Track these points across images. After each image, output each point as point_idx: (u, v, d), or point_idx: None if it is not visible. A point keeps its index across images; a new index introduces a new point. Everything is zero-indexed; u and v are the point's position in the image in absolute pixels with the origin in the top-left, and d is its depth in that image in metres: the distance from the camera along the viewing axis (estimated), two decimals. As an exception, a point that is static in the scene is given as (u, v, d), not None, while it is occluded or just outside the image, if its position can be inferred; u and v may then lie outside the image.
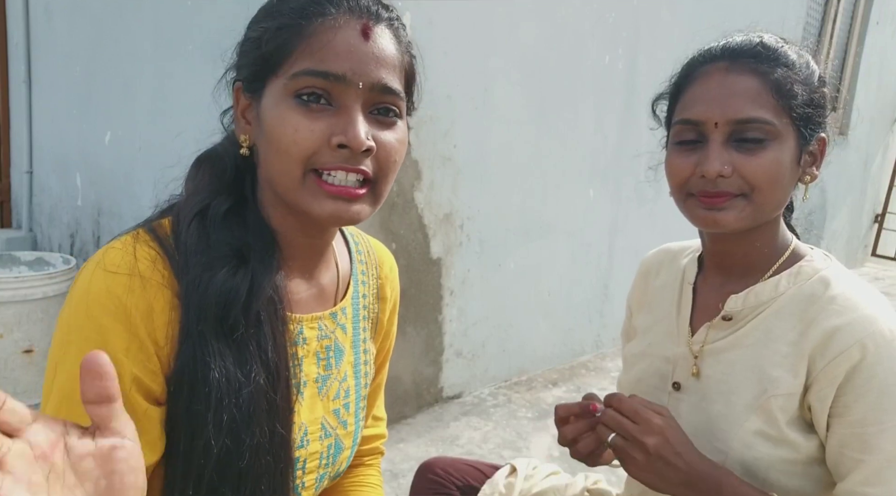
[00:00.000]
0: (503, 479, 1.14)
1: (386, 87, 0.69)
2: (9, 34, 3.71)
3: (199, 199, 0.73)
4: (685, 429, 0.95)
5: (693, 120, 0.86)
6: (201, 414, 0.66)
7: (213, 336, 0.67)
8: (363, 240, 0.95)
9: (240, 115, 0.74)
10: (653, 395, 1.00)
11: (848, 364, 0.80)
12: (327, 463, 0.83)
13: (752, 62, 0.84)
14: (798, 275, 0.89)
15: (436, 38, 2.29)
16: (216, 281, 0.67)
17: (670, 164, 0.90)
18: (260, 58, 0.70)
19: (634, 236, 3.40)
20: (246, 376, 0.68)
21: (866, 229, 6.37)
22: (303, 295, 0.80)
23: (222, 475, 0.68)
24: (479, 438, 2.47)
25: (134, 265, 0.66)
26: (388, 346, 0.99)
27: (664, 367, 0.99)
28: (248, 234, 0.72)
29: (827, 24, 4.88)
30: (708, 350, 0.93)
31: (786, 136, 0.84)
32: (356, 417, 0.87)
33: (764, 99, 0.83)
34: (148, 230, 0.70)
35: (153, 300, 0.66)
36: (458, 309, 2.66)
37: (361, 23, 0.69)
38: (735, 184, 0.84)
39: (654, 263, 1.11)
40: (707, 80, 0.86)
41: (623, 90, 3.14)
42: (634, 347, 1.08)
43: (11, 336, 2.42)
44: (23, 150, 3.64)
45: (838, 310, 0.83)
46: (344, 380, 0.85)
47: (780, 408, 0.85)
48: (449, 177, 2.47)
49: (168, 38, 2.64)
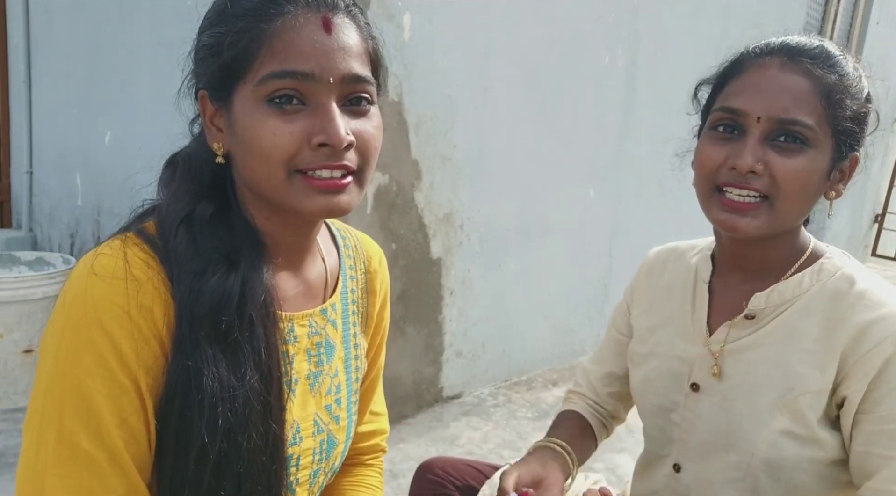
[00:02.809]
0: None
1: (356, 76, 0.68)
2: (9, 34, 3.71)
3: (181, 204, 0.71)
4: (705, 429, 0.93)
5: (736, 109, 0.84)
6: (194, 420, 0.66)
7: (207, 342, 0.66)
8: (350, 234, 0.94)
9: (209, 123, 0.73)
10: (665, 396, 0.99)
11: (881, 357, 0.79)
12: (321, 458, 0.83)
13: (809, 63, 0.82)
14: (821, 272, 0.88)
15: (436, 38, 2.29)
16: (208, 287, 0.67)
17: (702, 151, 0.88)
18: (222, 65, 0.68)
19: (634, 236, 3.39)
20: (240, 380, 0.68)
21: (866, 229, 6.37)
22: (291, 292, 0.79)
23: (220, 478, 0.67)
24: (479, 438, 2.47)
25: (127, 269, 0.65)
26: (380, 339, 0.98)
27: (679, 368, 0.98)
28: (235, 238, 0.72)
29: (827, 24, 4.88)
30: (729, 349, 0.92)
31: (824, 145, 0.82)
32: (348, 412, 0.87)
33: (812, 103, 0.81)
34: (136, 233, 0.70)
35: (151, 302, 0.66)
36: (458, 309, 2.66)
37: (321, 16, 0.67)
38: (764, 183, 0.82)
39: (659, 261, 1.10)
40: (759, 72, 0.84)
41: (623, 90, 3.14)
42: (639, 347, 1.07)
43: (11, 336, 2.42)
44: (23, 150, 3.64)
45: (869, 306, 0.82)
46: (335, 376, 0.85)
47: (809, 406, 0.84)
48: (449, 177, 2.47)
49: (168, 38, 2.64)
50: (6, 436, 2.24)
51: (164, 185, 0.76)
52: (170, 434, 0.67)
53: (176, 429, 0.66)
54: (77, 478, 0.63)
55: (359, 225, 1.97)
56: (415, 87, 2.26)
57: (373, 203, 2.22)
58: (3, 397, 2.44)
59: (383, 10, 2.11)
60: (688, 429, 0.96)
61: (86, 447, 0.63)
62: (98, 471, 0.63)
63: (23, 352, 2.46)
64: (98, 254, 0.66)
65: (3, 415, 2.39)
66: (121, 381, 0.64)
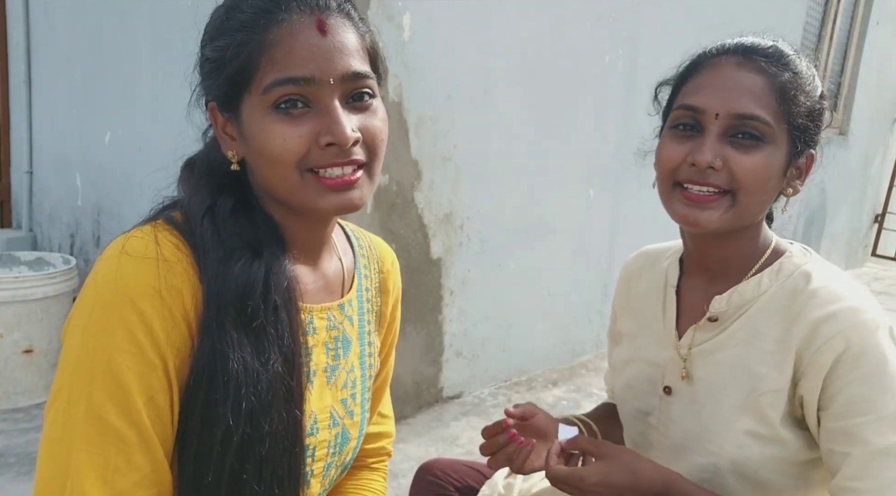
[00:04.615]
0: (502, 480, 1.14)
1: (356, 73, 0.70)
2: (9, 34, 3.71)
3: (202, 197, 0.74)
4: (677, 432, 0.94)
5: (694, 106, 0.86)
6: (219, 403, 0.67)
7: (233, 326, 0.68)
8: (364, 236, 0.97)
9: (221, 132, 0.75)
10: (644, 400, 1.00)
11: (832, 354, 0.80)
12: (335, 451, 0.84)
13: (764, 62, 0.84)
14: (779, 271, 0.90)
15: (436, 38, 2.29)
16: (234, 273, 0.69)
17: (663, 149, 0.90)
18: (227, 78, 0.70)
19: (634, 236, 3.39)
20: (264, 364, 0.69)
21: (866, 229, 6.37)
22: (311, 286, 0.81)
23: (243, 461, 0.69)
24: (478, 438, 2.46)
25: (158, 250, 0.67)
26: (392, 340, 1.00)
27: (653, 372, 0.99)
28: (256, 229, 0.74)
29: (827, 24, 4.88)
30: (696, 352, 0.93)
31: (780, 142, 0.84)
32: (362, 408, 0.89)
33: (767, 99, 0.83)
34: (166, 220, 0.72)
35: (180, 284, 0.67)
36: (458, 309, 2.66)
37: (315, 19, 0.69)
38: (723, 178, 0.84)
39: (636, 268, 1.12)
40: (715, 70, 0.86)
41: (623, 90, 3.14)
42: (623, 353, 1.08)
43: (11, 336, 2.42)
44: (23, 150, 3.64)
45: (821, 303, 0.83)
46: (351, 371, 0.87)
47: (770, 406, 0.85)
48: (449, 177, 2.47)
49: (168, 38, 2.64)
50: (6, 436, 2.24)
51: (183, 182, 0.78)
52: (195, 416, 0.68)
53: (201, 411, 0.68)
54: (105, 455, 0.64)
55: (358, 224, 1.97)
56: (415, 87, 2.26)
57: (373, 203, 2.22)
58: (3, 397, 2.44)
59: (383, 10, 2.11)
60: (663, 433, 0.97)
61: (115, 423, 0.64)
62: (125, 449, 0.64)
63: (23, 353, 2.45)
64: (129, 237, 0.68)
65: (3, 416, 2.39)
66: (150, 359, 0.65)
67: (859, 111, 5.44)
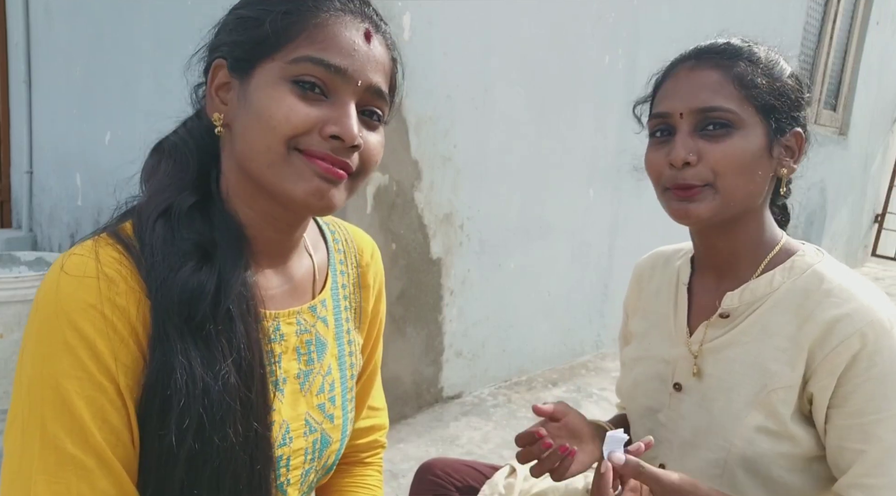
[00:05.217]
0: (503, 480, 1.14)
1: (379, 90, 0.72)
2: (9, 34, 3.71)
3: (162, 197, 0.71)
4: (687, 428, 0.95)
5: (662, 112, 0.91)
6: (165, 418, 0.65)
7: (178, 336, 0.65)
8: (340, 228, 0.94)
9: (213, 92, 0.73)
10: (653, 397, 1.01)
11: (848, 353, 0.81)
12: (313, 458, 0.82)
13: (716, 58, 0.89)
14: (792, 269, 0.91)
15: (436, 38, 2.29)
16: (179, 278, 0.66)
17: (647, 158, 0.94)
18: (256, 38, 0.69)
19: (634, 236, 3.40)
20: (214, 376, 0.66)
21: (866, 229, 6.37)
22: (276, 290, 0.79)
23: (196, 476, 0.67)
24: (479, 438, 2.47)
25: (98, 267, 0.64)
26: (377, 334, 0.97)
27: (664, 369, 1.00)
28: (212, 230, 0.71)
29: (827, 24, 4.88)
30: (707, 348, 0.94)
31: (751, 125, 0.87)
32: (343, 410, 0.86)
33: (726, 89, 0.87)
34: (109, 234, 0.69)
35: (125, 301, 0.64)
36: (458, 309, 2.66)
37: (365, 26, 0.71)
38: (702, 173, 0.86)
39: (647, 268, 1.13)
40: (675, 77, 0.92)
41: (623, 90, 3.14)
42: (632, 351, 1.09)
43: (11, 336, 2.42)
44: (23, 150, 3.64)
45: (836, 302, 0.84)
46: (328, 374, 0.84)
47: (781, 402, 0.86)
48: (449, 177, 2.47)
49: (168, 38, 2.64)
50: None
51: (146, 175, 0.76)
52: (149, 434, 0.66)
53: (153, 427, 0.65)
54: (65, 484, 0.62)
55: (358, 225, 1.97)
56: (415, 87, 2.26)
57: (373, 203, 2.22)
58: (3, 397, 2.44)
59: (383, 10, 2.10)
60: (672, 429, 0.98)
61: (71, 451, 0.62)
62: (87, 475, 0.62)
63: (23, 353, 2.46)
64: (69, 255, 0.66)
65: (3, 416, 2.39)
66: (98, 381, 0.63)
67: (859, 111, 5.45)
